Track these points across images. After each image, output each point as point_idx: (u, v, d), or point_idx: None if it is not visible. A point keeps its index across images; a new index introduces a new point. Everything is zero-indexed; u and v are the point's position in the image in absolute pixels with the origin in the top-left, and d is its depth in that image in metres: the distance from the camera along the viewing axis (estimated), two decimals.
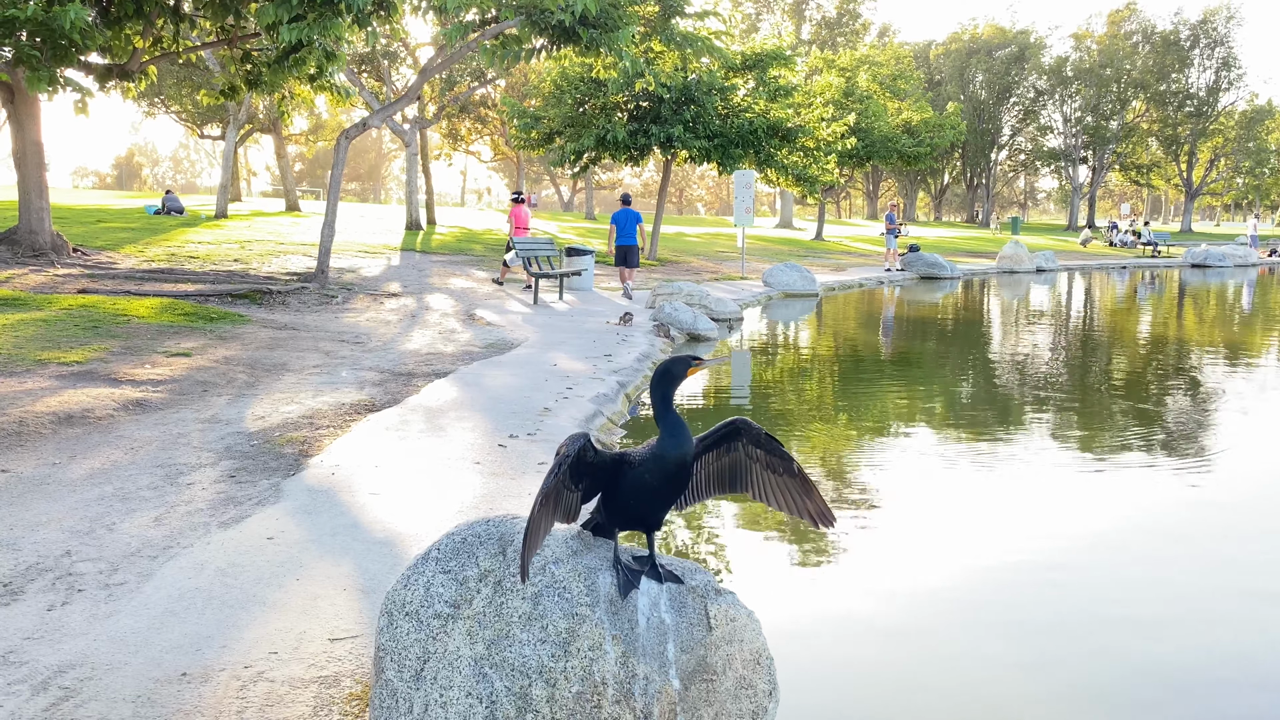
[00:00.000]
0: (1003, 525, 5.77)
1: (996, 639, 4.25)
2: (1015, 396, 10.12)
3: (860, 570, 5.02)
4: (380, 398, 7.76)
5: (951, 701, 3.69)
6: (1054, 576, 4.96)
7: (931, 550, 5.30)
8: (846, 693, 3.77)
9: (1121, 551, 5.37)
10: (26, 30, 12.05)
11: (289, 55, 14.67)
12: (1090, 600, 4.66)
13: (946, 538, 5.51)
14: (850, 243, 43.93)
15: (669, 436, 2.77)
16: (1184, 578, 5.04)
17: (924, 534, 5.57)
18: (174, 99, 42.48)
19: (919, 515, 5.92)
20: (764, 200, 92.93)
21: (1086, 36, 73.87)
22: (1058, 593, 4.75)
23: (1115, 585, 4.88)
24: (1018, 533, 5.63)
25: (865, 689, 3.80)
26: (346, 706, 3.12)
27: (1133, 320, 19.02)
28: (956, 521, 5.81)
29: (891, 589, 4.75)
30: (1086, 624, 4.39)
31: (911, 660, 4.02)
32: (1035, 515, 5.97)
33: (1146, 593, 4.80)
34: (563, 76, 24.75)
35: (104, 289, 13.18)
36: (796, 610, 4.49)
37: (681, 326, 13.22)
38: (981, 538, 5.52)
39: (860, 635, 4.26)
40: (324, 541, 4.54)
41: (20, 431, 6.10)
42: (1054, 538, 5.53)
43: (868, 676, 3.89)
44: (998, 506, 6.15)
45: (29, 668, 3.29)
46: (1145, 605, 4.65)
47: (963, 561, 5.13)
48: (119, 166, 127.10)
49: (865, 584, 4.83)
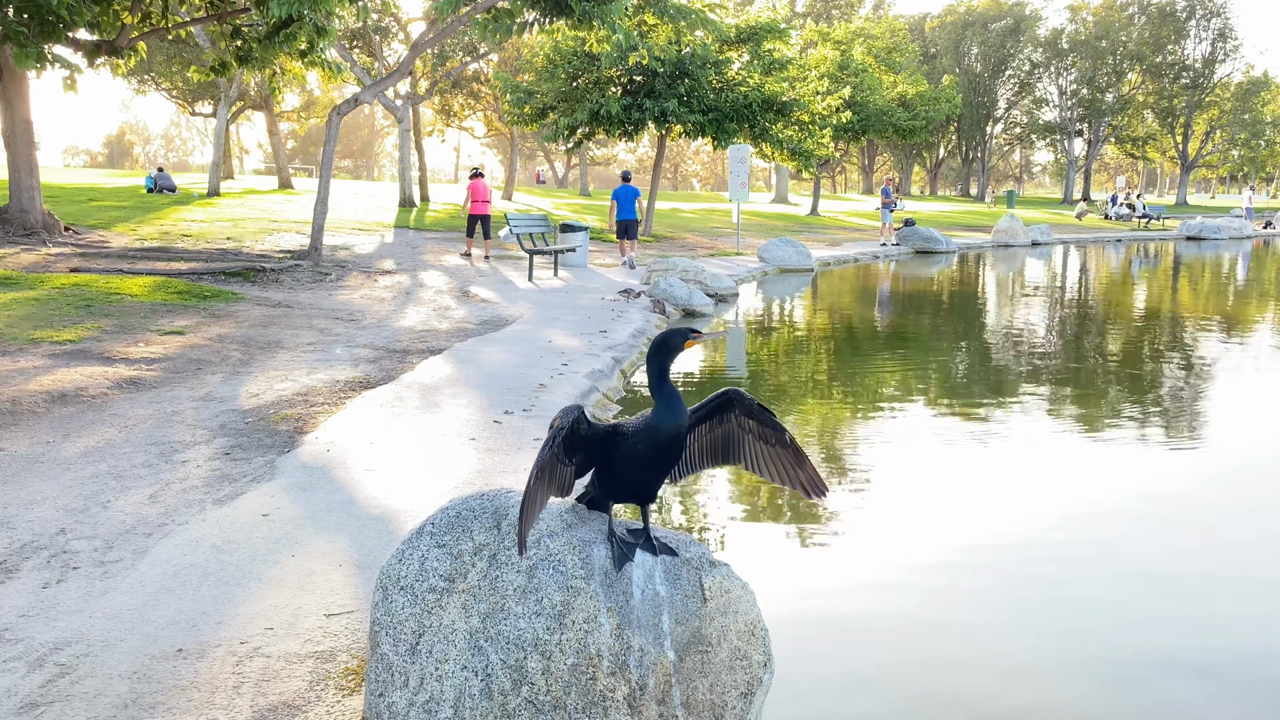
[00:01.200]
0: (998, 498, 5.78)
1: (991, 611, 4.26)
2: (1010, 370, 10.12)
3: (855, 542, 5.03)
4: (375, 375, 7.74)
5: (947, 673, 3.71)
6: (1049, 549, 4.98)
7: (926, 523, 5.31)
8: (841, 664, 3.78)
9: (1116, 523, 5.38)
10: (13, 6, 11.93)
11: (279, 30, 14.55)
12: (1086, 572, 4.68)
13: (941, 510, 5.52)
14: (846, 218, 43.85)
15: (664, 407, 2.76)
16: (1179, 551, 5.06)
17: (919, 507, 5.59)
18: (164, 76, 42.17)
19: (914, 488, 5.94)
20: (759, 175, 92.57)
21: (1082, 8, 73.50)
22: (1053, 565, 4.76)
23: (1110, 558, 4.90)
24: (1013, 506, 5.64)
25: (860, 660, 3.81)
26: (343, 681, 3.12)
27: (1128, 293, 19.02)
28: (951, 494, 5.82)
29: (887, 561, 4.77)
30: (1081, 595, 4.40)
31: (907, 632, 4.04)
32: (1031, 488, 5.99)
33: (1141, 564, 4.82)
34: (555, 50, 24.55)
35: (96, 268, 13.11)
36: (791, 582, 4.50)
37: (677, 302, 13.19)
38: (976, 510, 5.53)
39: (856, 607, 4.28)
40: (319, 518, 4.54)
41: (14, 410, 6.08)
42: (1050, 511, 5.54)
43: (863, 648, 3.90)
44: (992, 480, 6.16)
45: (25, 645, 3.29)
46: (1139, 578, 4.67)
47: (958, 534, 5.14)
48: (110, 145, 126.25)
49: (860, 556, 4.85)
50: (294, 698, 3.02)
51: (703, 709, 2.69)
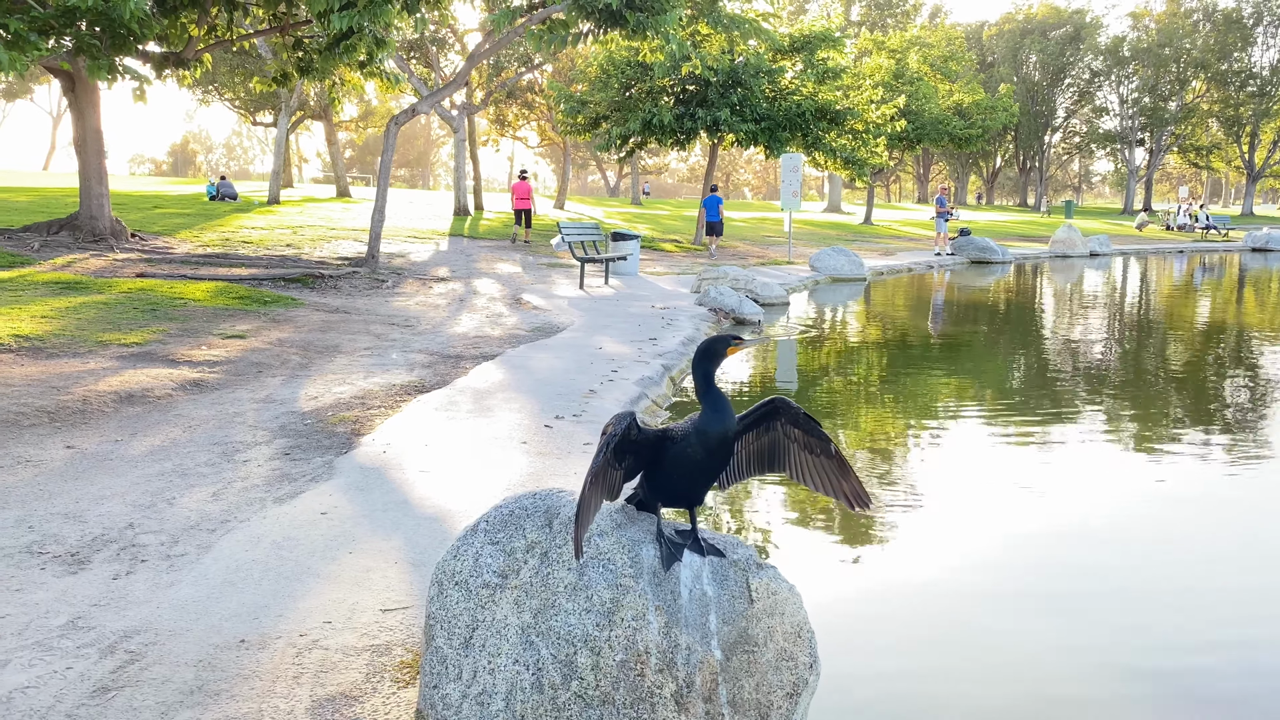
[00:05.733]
0: (1048, 511, 5.73)
1: (1037, 618, 4.24)
2: (1065, 384, 10.00)
3: (902, 549, 5.03)
4: (429, 379, 7.88)
5: (990, 678, 3.70)
6: (1100, 560, 4.93)
7: (973, 532, 5.29)
8: (887, 666, 3.79)
9: (1170, 539, 5.31)
10: (86, 20, 12.35)
11: (340, 42, 14.87)
12: (1136, 583, 4.63)
13: (989, 520, 5.49)
14: (900, 227, 43.48)
15: (711, 412, 2.81)
16: (1238, 569, 4.98)
17: (966, 516, 5.56)
18: (227, 86, 43.19)
19: (962, 497, 5.91)
20: (812, 184, 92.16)
21: (1145, 15, 72.18)
22: (1103, 576, 4.72)
23: (1163, 569, 4.83)
24: (1063, 518, 5.59)
25: (906, 663, 3.82)
26: (398, 673, 3.21)
27: (1189, 306, 18.64)
28: (1000, 505, 5.78)
29: (933, 568, 4.76)
30: (1131, 606, 4.36)
31: (952, 636, 4.03)
32: (1082, 502, 5.93)
33: (1192, 580, 4.76)
34: (609, 60, 24.75)
35: (161, 273, 13.49)
36: (838, 586, 4.51)
37: (727, 310, 13.22)
38: (1025, 522, 5.49)
39: (902, 611, 4.28)
40: (375, 516, 4.65)
41: (84, 410, 6.31)
42: (1099, 524, 5.49)
43: (909, 651, 3.91)
44: (1043, 492, 6.11)
45: (96, 632, 3.43)
46: (1192, 595, 4.61)
47: (1005, 544, 5.11)
48: (174, 153, 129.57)
49: (907, 562, 4.84)
50: (351, 689, 3.11)
51: (749, 708, 2.73)
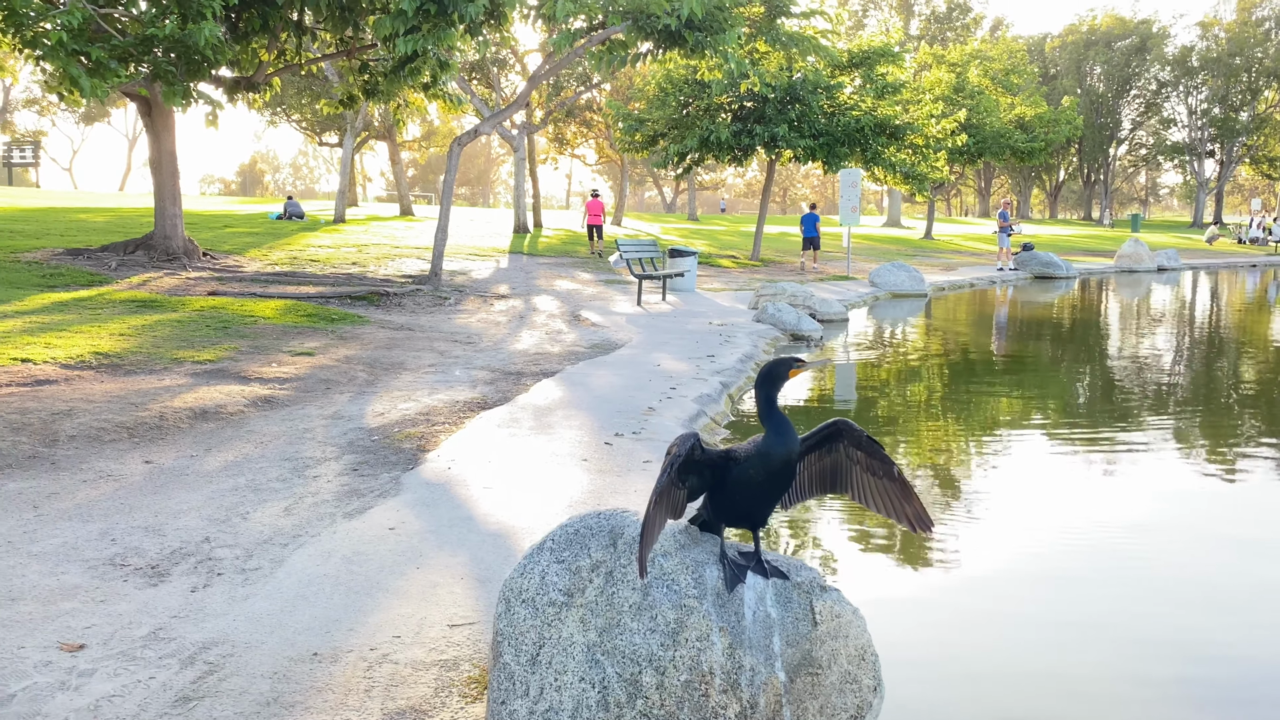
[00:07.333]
0: (1115, 533, 5.63)
1: (1104, 643, 4.17)
2: (1134, 403, 9.80)
3: (965, 572, 4.98)
4: (491, 396, 8.00)
5: (1057, 703, 3.66)
6: (1168, 584, 4.84)
7: (1039, 556, 5.22)
8: (951, 690, 3.77)
9: (1241, 569, 5.19)
10: (163, 47, 12.78)
11: (404, 65, 15.19)
12: (1205, 609, 4.53)
13: (1054, 543, 5.41)
14: (961, 242, 42.97)
15: (775, 434, 2.83)
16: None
17: (1031, 539, 5.49)
18: (295, 109, 44.24)
19: (1025, 520, 5.83)
20: (871, 198, 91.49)
21: (1214, 24, 70.58)
22: (1170, 600, 4.63)
23: (1234, 594, 4.73)
24: (1131, 540, 5.49)
25: (971, 688, 3.79)
26: (466, 689, 3.28)
27: (1262, 321, 18.14)
28: (1065, 528, 5.69)
29: (998, 591, 4.71)
30: (1199, 632, 4.27)
31: (1018, 661, 3.99)
32: (1150, 525, 5.82)
33: (1264, 613, 4.65)
34: (667, 79, 24.89)
35: (232, 291, 13.87)
36: (902, 609, 4.49)
37: (785, 327, 13.19)
38: (1092, 546, 5.41)
39: (966, 635, 4.25)
40: (442, 532, 4.75)
41: (161, 425, 6.52)
42: (1168, 547, 5.38)
43: (973, 675, 3.88)
44: (1109, 514, 6.00)
45: (177, 644, 3.55)
46: (1262, 628, 4.50)
47: (1071, 568, 5.04)
48: (243, 173, 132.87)
49: (970, 585, 4.80)
50: (420, 703, 3.19)
51: None
